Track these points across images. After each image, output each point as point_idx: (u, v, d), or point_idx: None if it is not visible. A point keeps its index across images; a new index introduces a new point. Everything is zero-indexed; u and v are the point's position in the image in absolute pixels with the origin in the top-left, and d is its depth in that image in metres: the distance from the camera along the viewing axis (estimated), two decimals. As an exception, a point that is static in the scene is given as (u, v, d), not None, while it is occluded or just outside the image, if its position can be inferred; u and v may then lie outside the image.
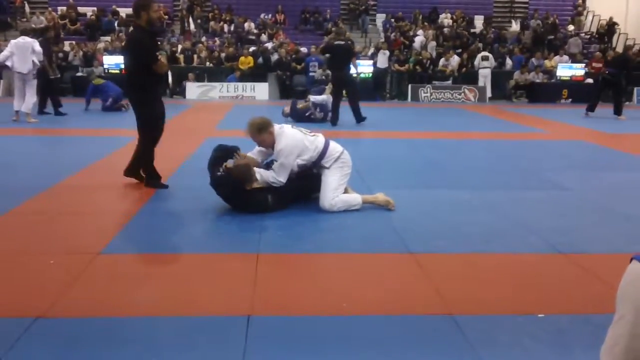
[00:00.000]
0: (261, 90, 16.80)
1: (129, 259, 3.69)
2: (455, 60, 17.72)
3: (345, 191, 4.73)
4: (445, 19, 21.49)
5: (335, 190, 4.60)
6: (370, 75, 16.79)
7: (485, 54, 17.88)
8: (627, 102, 15.62)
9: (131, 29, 7.08)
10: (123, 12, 19.45)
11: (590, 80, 16.44)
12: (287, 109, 11.06)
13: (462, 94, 16.97)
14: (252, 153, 4.77)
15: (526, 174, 6.38)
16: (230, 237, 4.10)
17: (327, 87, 11.25)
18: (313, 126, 8.48)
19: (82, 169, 6.23)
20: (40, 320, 2.66)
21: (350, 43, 14.37)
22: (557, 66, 17.73)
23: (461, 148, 8.51)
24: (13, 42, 10.25)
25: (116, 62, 15.51)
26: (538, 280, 3.30)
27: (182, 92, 16.59)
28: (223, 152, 4.69)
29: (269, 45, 18.37)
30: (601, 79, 13.07)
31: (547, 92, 17.32)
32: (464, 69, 17.84)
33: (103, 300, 2.92)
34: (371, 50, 18.37)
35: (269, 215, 4.44)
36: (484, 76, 17.32)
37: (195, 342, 2.50)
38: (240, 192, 4.50)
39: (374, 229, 4.22)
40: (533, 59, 18.11)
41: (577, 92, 16.63)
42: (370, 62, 17.08)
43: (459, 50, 18.55)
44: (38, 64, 10.11)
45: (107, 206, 4.92)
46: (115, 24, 19.71)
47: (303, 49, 18.23)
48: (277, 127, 4.66)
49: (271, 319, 2.73)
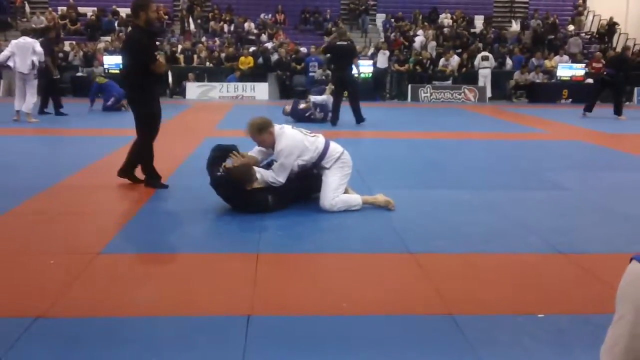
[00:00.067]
0: (261, 90, 16.80)
1: (129, 259, 3.69)
2: (455, 60, 17.72)
3: (346, 191, 4.73)
4: (445, 19, 21.50)
5: (335, 191, 4.60)
6: (370, 75, 16.79)
7: (485, 54, 17.88)
8: (627, 102, 15.64)
9: (129, 29, 7.09)
10: (123, 12, 19.42)
11: (590, 81, 16.44)
12: (288, 107, 11.06)
13: (462, 94, 16.97)
14: (252, 152, 4.77)
15: (526, 174, 6.39)
16: (230, 237, 4.10)
17: (328, 87, 11.25)
18: (313, 126, 8.49)
19: (82, 169, 6.24)
20: (40, 320, 2.66)
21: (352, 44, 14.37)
22: (557, 66, 17.73)
23: (461, 148, 8.51)
24: (14, 42, 10.26)
25: (116, 62, 15.47)
26: (538, 280, 3.30)
27: (182, 92, 16.60)
28: (221, 152, 4.68)
29: (269, 45, 18.37)
30: (600, 80, 13.09)
31: (547, 92, 17.33)
32: (464, 69, 17.84)
33: (103, 300, 2.92)
34: (371, 50, 18.37)
35: (269, 215, 4.44)
36: (484, 76, 17.32)
37: (195, 342, 2.50)
38: (241, 192, 4.49)
39: (374, 229, 4.22)
40: (533, 59, 18.11)
41: (577, 92, 16.62)
42: (370, 62, 17.07)
43: (459, 50, 18.55)
44: (38, 64, 10.11)
45: (107, 206, 4.92)
46: (116, 24, 19.72)
47: (303, 49, 18.23)
48: (277, 128, 4.66)
49: (271, 318, 2.73)
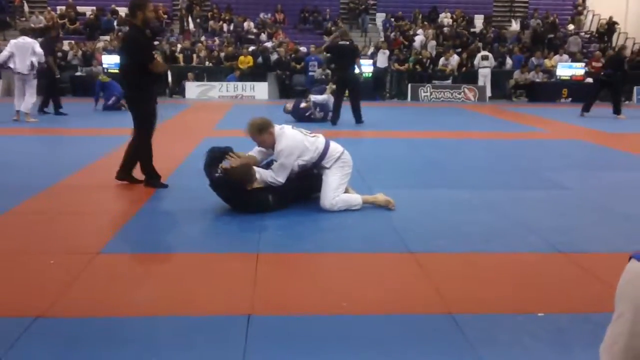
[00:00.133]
0: (261, 90, 16.80)
1: (129, 258, 3.69)
2: (455, 59, 17.72)
3: (346, 191, 4.73)
4: (445, 18, 21.51)
5: (336, 190, 4.60)
6: (370, 74, 16.78)
7: (485, 53, 17.88)
8: (626, 101, 15.65)
9: (127, 29, 7.09)
10: (122, 11, 19.40)
11: (590, 80, 16.44)
12: (289, 105, 11.05)
13: (462, 93, 16.97)
14: (252, 152, 4.77)
15: (526, 173, 6.39)
16: (230, 237, 4.10)
17: (328, 87, 11.25)
18: (313, 126, 8.49)
19: (81, 168, 6.24)
20: (40, 319, 2.66)
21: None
22: (557, 65, 17.74)
23: (461, 147, 8.51)
24: (13, 42, 10.21)
25: (115, 61, 15.44)
26: (538, 280, 3.30)
27: (182, 92, 16.60)
28: (217, 154, 4.63)
29: (269, 45, 18.37)
30: (599, 80, 13.08)
31: (547, 91, 17.34)
32: (463, 69, 17.84)
33: (102, 300, 2.92)
34: (371, 50, 18.36)
35: (269, 215, 4.44)
36: (484, 75, 17.32)
37: (195, 341, 2.50)
38: (241, 192, 4.49)
39: (374, 228, 4.22)
40: (533, 59, 18.11)
41: (577, 91, 16.63)
42: (370, 61, 17.07)
43: (459, 50, 18.55)
44: (37, 65, 10.10)
45: (106, 206, 4.92)
46: (115, 23, 19.71)
47: (302, 49, 18.23)
48: (277, 128, 4.66)
49: (271, 318, 2.73)
